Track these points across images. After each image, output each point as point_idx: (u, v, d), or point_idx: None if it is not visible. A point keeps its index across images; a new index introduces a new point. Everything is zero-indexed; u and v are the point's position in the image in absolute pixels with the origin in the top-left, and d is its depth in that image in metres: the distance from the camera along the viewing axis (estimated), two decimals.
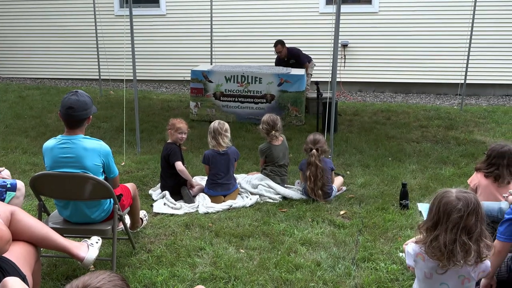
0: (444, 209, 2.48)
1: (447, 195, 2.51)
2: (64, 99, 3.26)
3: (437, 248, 2.48)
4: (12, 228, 2.57)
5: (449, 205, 2.47)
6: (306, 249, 3.78)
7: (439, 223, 2.49)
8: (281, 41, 8.63)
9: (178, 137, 4.81)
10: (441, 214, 2.48)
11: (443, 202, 2.49)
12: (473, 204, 2.45)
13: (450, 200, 2.48)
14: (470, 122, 7.87)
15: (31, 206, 4.42)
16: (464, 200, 2.45)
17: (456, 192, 2.51)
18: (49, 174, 3.25)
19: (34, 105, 8.90)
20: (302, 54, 8.71)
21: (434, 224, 2.52)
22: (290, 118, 7.67)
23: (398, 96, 10.41)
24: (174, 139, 4.82)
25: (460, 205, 2.44)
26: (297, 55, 8.66)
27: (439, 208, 2.49)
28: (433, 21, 10.10)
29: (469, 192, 2.52)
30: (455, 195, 2.49)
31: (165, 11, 11.27)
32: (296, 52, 8.68)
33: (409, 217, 4.34)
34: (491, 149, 3.90)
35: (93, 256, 2.94)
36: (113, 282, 1.62)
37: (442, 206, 2.49)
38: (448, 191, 2.53)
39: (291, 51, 8.68)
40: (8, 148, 6.27)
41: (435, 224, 2.51)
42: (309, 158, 4.70)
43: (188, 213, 4.48)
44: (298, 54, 8.67)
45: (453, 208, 2.45)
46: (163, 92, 10.83)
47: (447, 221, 2.46)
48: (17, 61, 12.08)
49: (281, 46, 8.60)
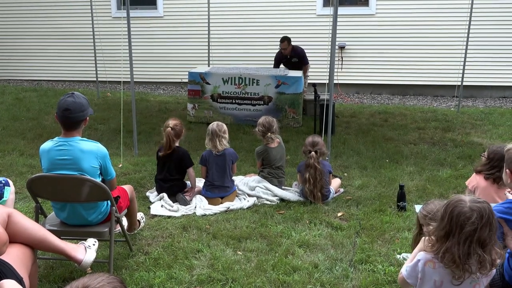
0: (456, 220, 2.34)
1: (460, 205, 2.36)
2: (60, 101, 3.25)
3: (451, 260, 2.36)
4: (9, 230, 2.57)
5: (462, 216, 2.33)
6: (303, 251, 3.77)
7: (451, 233, 2.36)
8: (288, 38, 8.60)
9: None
10: (453, 225, 2.35)
11: (456, 213, 2.35)
12: (487, 215, 2.33)
13: (464, 211, 2.34)
14: (467, 124, 7.89)
15: (28, 208, 4.41)
16: (478, 212, 2.32)
17: (470, 202, 2.36)
18: (46, 176, 3.24)
19: (31, 107, 8.88)
20: (306, 55, 8.70)
21: (445, 234, 2.39)
22: (287, 120, 7.67)
23: (395, 98, 10.43)
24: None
25: (474, 217, 2.31)
26: (301, 55, 8.65)
27: (452, 219, 2.36)
28: (430, 23, 10.12)
29: (482, 202, 2.38)
30: (468, 205, 2.34)
31: (163, 13, 11.26)
32: (300, 52, 8.67)
33: (407, 219, 4.34)
34: (493, 151, 3.88)
35: (91, 259, 2.94)
36: (112, 284, 1.64)
37: (455, 216, 2.35)
38: (461, 200, 2.38)
39: (295, 49, 8.67)
40: (5, 150, 6.25)
41: (446, 234, 2.38)
42: (308, 160, 4.70)
43: (185, 215, 4.48)
44: (302, 54, 8.67)
45: (467, 219, 2.32)
46: (160, 94, 10.83)
47: (460, 233, 2.33)
48: (14, 63, 12.05)
49: (287, 43, 8.58)
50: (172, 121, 4.75)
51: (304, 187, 4.74)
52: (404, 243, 3.88)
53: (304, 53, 8.72)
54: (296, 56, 8.65)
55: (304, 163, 4.80)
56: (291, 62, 8.67)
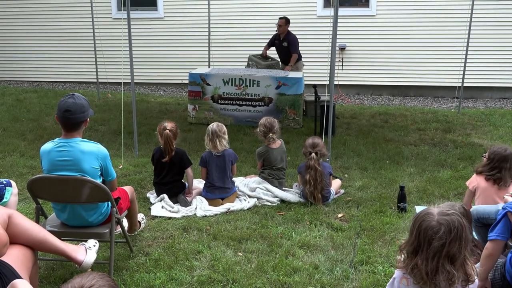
0: (424, 235, 2.23)
1: (427, 219, 2.25)
2: (61, 102, 3.25)
3: (419, 276, 2.26)
4: (10, 231, 2.57)
5: (429, 231, 2.22)
6: (304, 252, 3.77)
7: (419, 249, 2.26)
8: (287, 18, 8.58)
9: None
10: (421, 240, 2.24)
11: (424, 227, 2.24)
12: (456, 229, 2.20)
13: (431, 225, 2.22)
14: (468, 125, 7.88)
15: (28, 209, 4.41)
16: (446, 225, 2.20)
17: (438, 215, 2.24)
18: (46, 177, 3.24)
19: (32, 108, 8.89)
20: (296, 44, 8.56)
21: (414, 250, 2.28)
22: (288, 121, 7.68)
23: (395, 99, 10.43)
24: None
25: (442, 232, 2.19)
26: (292, 42, 8.52)
27: (420, 233, 2.25)
28: (431, 24, 10.12)
29: (451, 214, 2.25)
30: (436, 219, 2.23)
31: (163, 14, 11.27)
32: (292, 39, 8.54)
33: (407, 220, 4.33)
34: (493, 152, 3.89)
35: (92, 260, 2.94)
36: (104, 279, 1.74)
37: (422, 231, 2.24)
38: (429, 214, 2.27)
39: (289, 34, 8.59)
40: (5, 151, 6.26)
41: (415, 250, 2.28)
42: (309, 161, 4.70)
43: (186, 216, 4.48)
44: (293, 41, 8.53)
45: (434, 234, 2.20)
46: (161, 95, 10.83)
47: (428, 249, 2.22)
48: (15, 64, 12.06)
49: (285, 22, 8.54)
50: (167, 123, 4.71)
51: (305, 188, 4.74)
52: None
53: (295, 42, 8.54)
54: (287, 40, 8.57)
55: (304, 164, 4.80)
56: (282, 45, 8.61)
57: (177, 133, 4.74)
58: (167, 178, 4.74)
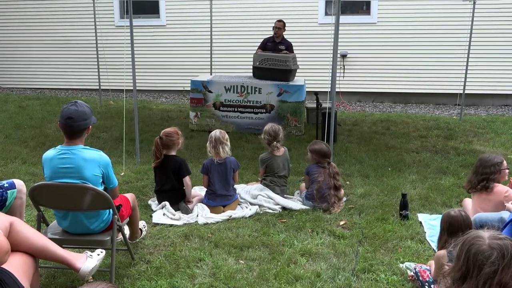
0: (474, 260, 2.04)
1: (478, 242, 2.06)
2: (63, 109, 3.26)
3: None
4: (11, 239, 2.56)
5: (480, 256, 2.03)
6: (306, 260, 3.76)
7: (468, 275, 2.07)
8: (284, 22, 8.60)
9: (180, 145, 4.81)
10: (470, 266, 2.05)
11: (473, 252, 2.05)
12: (510, 254, 2.01)
13: (482, 250, 2.03)
14: (470, 132, 7.88)
15: (30, 216, 4.40)
16: (499, 250, 2.01)
17: (489, 239, 2.06)
18: (48, 185, 3.24)
19: (34, 115, 8.91)
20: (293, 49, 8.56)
21: (461, 276, 2.10)
22: (289, 128, 7.68)
23: (397, 106, 10.44)
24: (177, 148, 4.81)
25: (494, 257, 2.00)
26: (290, 46, 8.53)
27: (469, 258, 2.06)
28: (432, 32, 10.15)
29: (504, 238, 2.07)
30: (487, 243, 2.04)
31: (165, 22, 11.33)
32: (289, 43, 8.57)
33: (409, 227, 4.32)
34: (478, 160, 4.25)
35: (90, 267, 2.91)
36: None
37: (472, 256, 2.05)
38: (479, 237, 2.08)
39: (285, 38, 8.60)
40: (7, 158, 6.26)
41: (463, 277, 2.09)
42: (330, 169, 4.84)
43: (187, 224, 4.47)
44: (291, 46, 8.55)
45: (485, 259, 2.02)
46: (162, 102, 10.85)
47: (478, 275, 2.03)
48: (18, 71, 12.12)
49: (283, 25, 8.55)
50: (167, 130, 4.74)
51: (314, 189, 4.78)
52: (407, 252, 3.86)
53: (292, 47, 8.57)
54: (285, 44, 8.56)
55: (313, 166, 4.90)
56: (278, 48, 8.56)
57: (172, 141, 4.70)
58: (168, 185, 4.74)
